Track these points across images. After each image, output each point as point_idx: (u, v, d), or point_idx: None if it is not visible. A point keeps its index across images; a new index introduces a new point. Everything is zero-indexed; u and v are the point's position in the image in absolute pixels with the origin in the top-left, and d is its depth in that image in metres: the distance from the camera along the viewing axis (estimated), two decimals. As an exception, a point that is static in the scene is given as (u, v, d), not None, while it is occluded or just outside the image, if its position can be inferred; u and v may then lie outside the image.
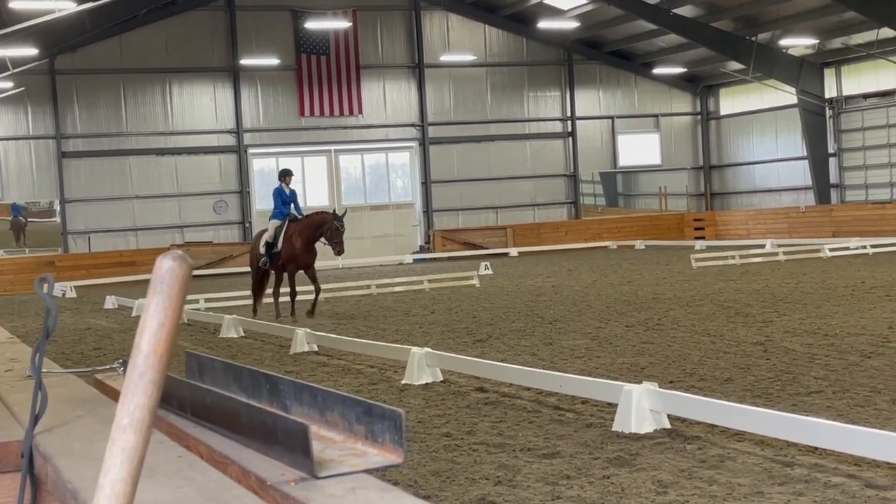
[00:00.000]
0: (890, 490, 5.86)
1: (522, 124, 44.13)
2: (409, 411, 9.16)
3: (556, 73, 44.69)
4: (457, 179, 42.84)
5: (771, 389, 9.10)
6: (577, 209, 44.73)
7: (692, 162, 46.73)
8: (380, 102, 41.93)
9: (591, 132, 45.06)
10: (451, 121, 42.94)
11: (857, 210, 37.69)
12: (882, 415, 7.77)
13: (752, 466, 6.57)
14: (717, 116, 46.59)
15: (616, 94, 45.56)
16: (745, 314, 15.08)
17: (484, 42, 43.41)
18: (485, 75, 43.53)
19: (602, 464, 6.88)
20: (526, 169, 43.93)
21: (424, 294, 22.79)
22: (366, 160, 42.48)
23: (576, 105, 44.62)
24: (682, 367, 10.65)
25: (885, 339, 11.64)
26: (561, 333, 14.21)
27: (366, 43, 41.34)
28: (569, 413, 8.66)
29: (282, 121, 40.47)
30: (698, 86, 46.41)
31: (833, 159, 41.01)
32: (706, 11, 38.63)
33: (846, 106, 40.60)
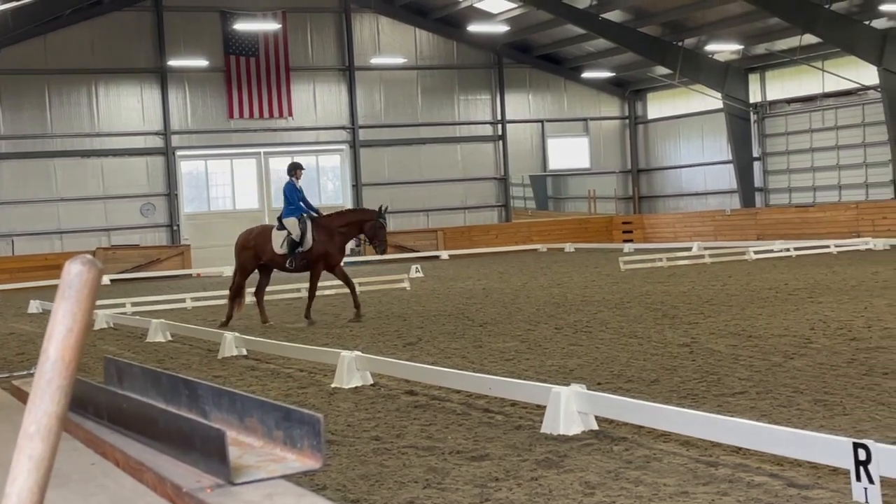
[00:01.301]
0: (811, 489, 5.96)
1: (453, 127, 44.23)
2: (338, 415, 9.12)
3: (486, 76, 44.87)
4: (387, 182, 42.78)
5: (697, 390, 9.21)
6: (507, 212, 44.93)
7: (620, 165, 47.19)
8: (310, 105, 41.75)
9: (521, 136, 45.31)
10: (382, 123, 42.91)
11: (780, 213, 38.34)
12: (804, 415, 7.89)
13: (678, 467, 6.64)
14: (645, 120, 47.11)
15: (546, 97, 45.86)
16: (671, 316, 15.25)
17: (414, 45, 43.43)
18: (415, 78, 43.55)
19: (530, 465, 6.91)
20: (457, 172, 44.03)
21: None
22: (296, 163, 42.19)
23: (506, 108, 44.82)
24: (610, 369, 10.73)
25: (807, 341, 11.84)
26: (491, 336, 14.25)
27: (295, 45, 41.12)
28: (498, 415, 8.68)
29: (210, 123, 40.11)
30: (626, 90, 46.89)
31: (757, 163, 41.69)
32: (634, 16, 39.05)
33: (770, 111, 41.29)
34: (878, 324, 12.93)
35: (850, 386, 8.91)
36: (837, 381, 9.16)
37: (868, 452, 5.34)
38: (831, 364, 10.11)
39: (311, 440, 1.63)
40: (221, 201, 41.05)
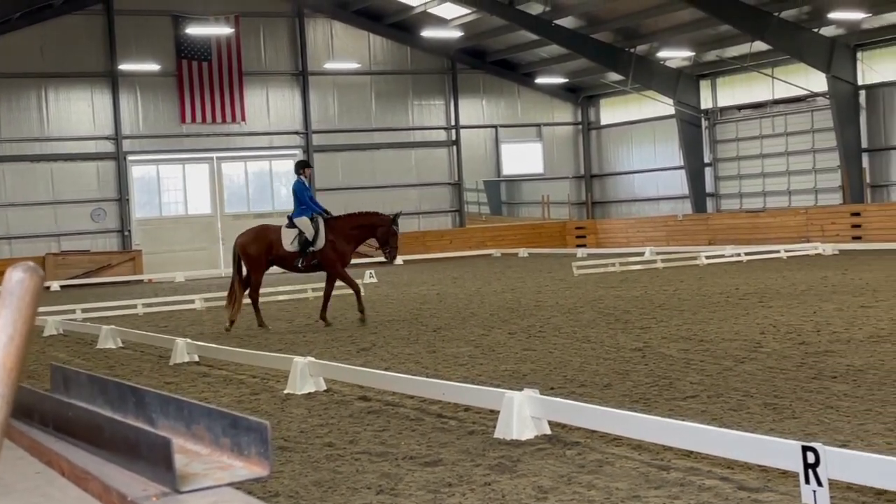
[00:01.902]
0: (761, 492, 6.01)
1: (407, 132, 44.24)
2: (291, 421, 9.08)
3: (440, 81, 44.93)
4: (341, 187, 42.67)
5: (649, 394, 9.26)
6: (461, 217, 45.00)
7: (574, 171, 47.43)
8: (263, 109, 41.58)
9: (475, 141, 45.41)
10: (336, 128, 42.83)
11: (731, 218, 38.70)
12: (754, 418, 7.97)
13: (630, 471, 6.67)
14: (598, 126, 47.38)
15: (499, 103, 46.00)
16: (624, 321, 15.34)
17: (368, 50, 43.39)
18: (369, 83, 43.51)
19: (483, 471, 6.92)
20: (411, 177, 44.04)
21: (308, 303, 22.65)
22: (249, 168, 42.07)
23: (460, 114, 44.92)
24: (563, 374, 10.77)
25: (757, 345, 11.96)
26: (445, 341, 14.25)
27: (248, 49, 40.94)
28: (451, 421, 8.68)
29: (162, 127, 39.82)
30: (579, 96, 47.15)
31: (709, 169, 42.08)
32: (587, 23, 39.28)
33: (721, 117, 41.70)
34: (826, 328, 13.08)
35: (799, 389, 9.01)
36: (787, 385, 9.26)
37: (817, 455, 5.40)
38: (781, 368, 10.21)
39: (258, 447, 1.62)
40: (173, 206, 40.75)
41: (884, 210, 33.72)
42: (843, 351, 11.07)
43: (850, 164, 35.83)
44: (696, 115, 41.67)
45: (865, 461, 5.44)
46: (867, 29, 34.91)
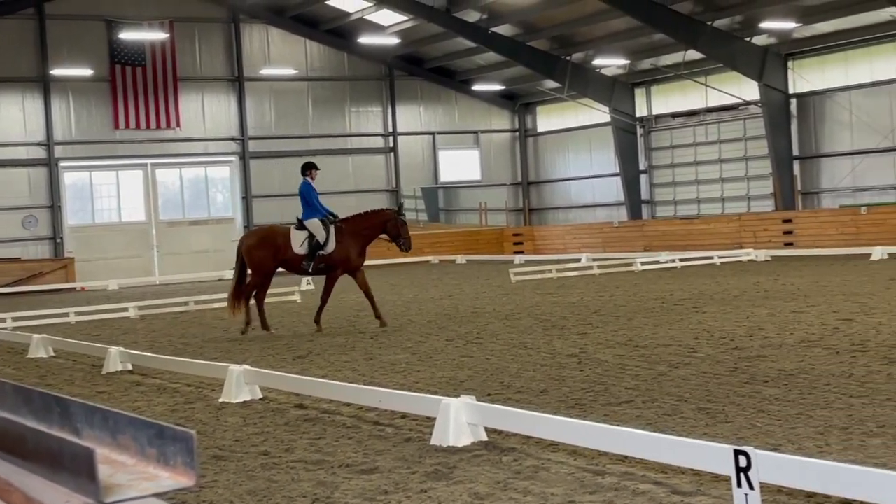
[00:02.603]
0: (694, 496, 6.07)
1: (344, 139, 44.16)
2: (226, 430, 9.00)
3: (377, 88, 44.90)
4: (278, 194, 42.43)
5: (584, 400, 9.31)
6: (398, 224, 44.85)
7: (511, 178, 47.64)
8: (198, 115, 41.24)
9: (413, 148, 45.44)
10: (273, 135, 42.62)
11: (666, 225, 39.10)
12: (688, 423, 8.04)
13: (565, 476, 6.70)
14: (535, 133, 47.65)
15: (437, 110, 46.08)
16: (561, 327, 15.42)
17: (305, 56, 43.24)
18: (306, 89, 43.37)
19: (420, 478, 6.90)
20: (348, 184, 43.92)
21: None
22: (184, 174, 41.70)
23: (397, 120, 44.93)
24: (499, 380, 10.79)
25: (691, 350, 12.08)
26: (382, 348, 14.22)
27: (183, 55, 40.60)
28: (388, 428, 8.66)
29: (95, 133, 39.32)
30: (516, 103, 47.39)
31: (644, 176, 42.50)
32: (523, 31, 39.50)
33: (656, 125, 42.15)
34: (759, 333, 13.25)
35: (732, 394, 9.11)
36: (720, 390, 9.36)
37: (748, 459, 5.46)
38: (714, 373, 10.32)
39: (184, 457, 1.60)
40: (107, 213, 40.25)
41: (814, 216, 34.29)
42: (774, 356, 11.22)
43: (782, 171, 36.39)
44: (631, 122, 42.08)
45: (796, 464, 5.52)
46: (798, 38, 35.51)
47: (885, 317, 14.13)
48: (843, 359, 10.72)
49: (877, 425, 7.54)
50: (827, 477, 5.32)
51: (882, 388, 8.97)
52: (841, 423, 7.70)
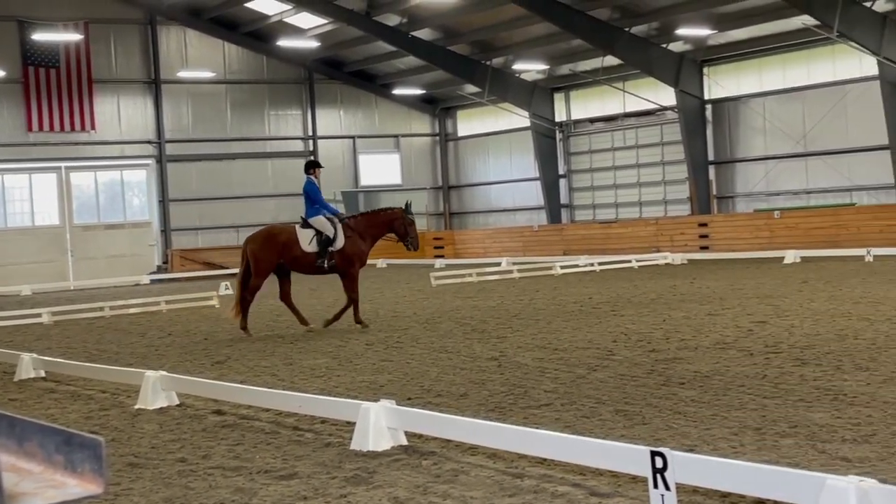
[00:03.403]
0: (611, 497, 6.13)
1: (263, 143, 43.84)
2: (142, 437, 8.86)
3: (297, 91, 44.66)
4: (196, 198, 42.03)
5: (504, 403, 9.35)
6: (318, 228, 44.66)
7: (431, 182, 47.70)
8: (114, 118, 40.63)
9: (333, 151, 45.25)
10: (190, 138, 42.14)
11: (585, 229, 39.46)
12: (606, 425, 8.11)
13: (485, 479, 6.71)
14: (455, 138, 47.77)
15: (357, 114, 45.98)
16: (481, 330, 15.46)
17: (223, 59, 42.84)
18: (224, 92, 42.96)
19: (339, 483, 6.87)
20: (268, 188, 43.62)
21: (161, 316, 22.19)
22: (99, 178, 41.02)
23: (317, 124, 44.73)
24: (420, 384, 10.79)
25: (609, 353, 12.20)
26: (301, 353, 14.13)
27: (98, 56, 39.96)
28: (308, 433, 8.61)
29: (7, 136, 38.49)
30: (437, 107, 47.47)
31: (563, 180, 42.85)
32: (443, 35, 39.58)
33: (575, 129, 42.53)
34: (675, 335, 13.43)
35: (649, 396, 9.22)
36: (637, 392, 9.46)
37: (665, 460, 5.52)
38: (632, 375, 10.43)
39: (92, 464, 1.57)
40: (19, 217, 39.42)
41: (729, 220, 34.87)
42: (690, 358, 11.37)
43: (698, 175, 36.96)
44: (550, 127, 42.40)
45: (711, 465, 5.60)
46: (713, 45, 36.10)
47: (798, 319, 14.41)
48: (756, 360, 10.90)
49: (789, 425, 7.68)
50: (741, 477, 5.41)
51: (794, 389, 9.14)
52: (755, 423, 7.83)
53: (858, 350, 11.20)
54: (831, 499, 4.78)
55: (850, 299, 16.77)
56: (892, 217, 30.01)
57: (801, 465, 6.49)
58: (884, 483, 4.88)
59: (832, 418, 7.83)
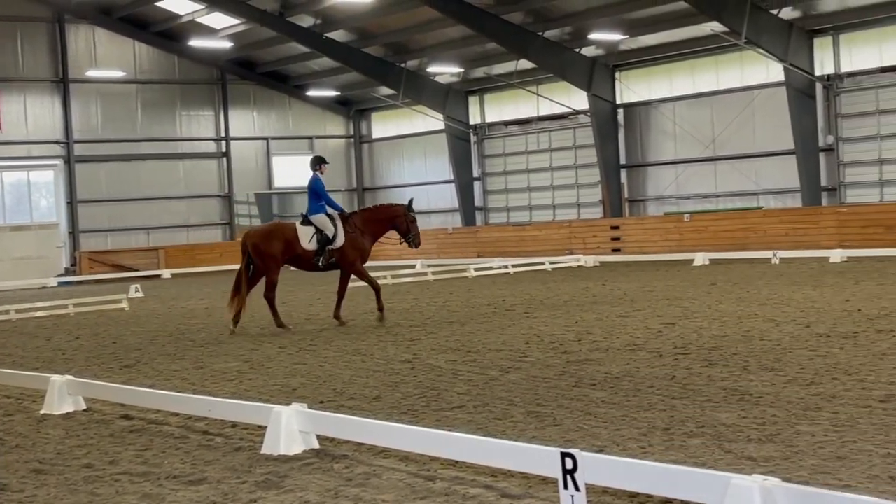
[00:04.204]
0: (522, 499, 6.16)
1: (175, 143, 43.28)
2: (47, 443, 8.68)
3: (209, 92, 44.18)
4: (105, 199, 41.35)
5: (417, 406, 9.34)
6: (231, 230, 44.31)
7: (346, 184, 47.52)
8: (20, 118, 39.78)
9: (246, 153, 44.87)
10: (100, 138, 41.45)
11: (499, 232, 39.64)
12: (518, 426, 8.15)
13: (397, 482, 6.70)
14: (370, 140, 47.68)
15: (271, 115, 45.64)
16: (394, 333, 15.44)
17: (134, 58, 42.20)
18: (135, 92, 42.33)
19: (250, 487, 6.80)
20: (179, 189, 43.08)
21: (69, 319, 21.75)
22: (5, 178, 40.12)
23: (230, 125, 44.29)
24: (332, 387, 10.73)
25: (522, 354, 12.26)
26: (213, 356, 13.96)
27: (4, 55, 39.12)
28: (218, 437, 8.50)
29: None
30: (351, 109, 47.32)
31: (478, 183, 43.01)
32: (357, 37, 39.46)
33: (489, 132, 42.71)
34: (587, 337, 13.55)
35: (560, 397, 9.29)
36: (549, 393, 9.52)
37: (574, 461, 5.56)
38: (544, 377, 10.50)
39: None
40: (-79, 218, 38.38)
41: (640, 223, 35.33)
42: (602, 359, 11.49)
43: (610, 179, 37.38)
44: (465, 130, 42.52)
45: (619, 465, 5.65)
46: (625, 50, 36.54)
47: (706, 321, 14.64)
48: (665, 362, 11.05)
49: (696, 426, 7.79)
50: (648, 477, 5.47)
51: (702, 389, 9.28)
52: (663, 424, 7.93)
53: (764, 351, 11.42)
54: (736, 498, 4.86)
55: (757, 301, 17.09)
56: (797, 220, 30.69)
57: (708, 464, 6.59)
58: (787, 482, 4.97)
59: (738, 418, 7.97)
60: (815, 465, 6.47)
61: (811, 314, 14.76)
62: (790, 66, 31.29)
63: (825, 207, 31.48)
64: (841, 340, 11.91)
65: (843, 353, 10.93)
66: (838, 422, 7.67)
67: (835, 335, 12.38)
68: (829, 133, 32.22)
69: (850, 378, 9.44)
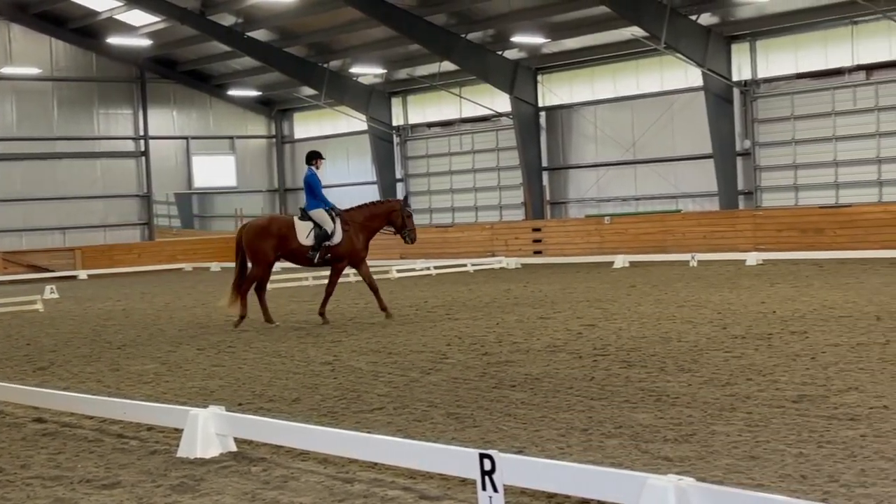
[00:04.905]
0: (441, 500, 6.15)
1: (92, 142, 42.62)
2: (-44, 448, 8.46)
3: (128, 90, 43.57)
4: (20, 199, 40.56)
5: (336, 408, 9.29)
6: (150, 231, 43.74)
7: (268, 184, 47.20)
8: (-69, 115, 38.87)
9: (166, 152, 44.33)
10: (14, 136, 40.65)
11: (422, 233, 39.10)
12: (437, 428, 8.15)
13: (315, 485, 6.65)
14: (292, 140, 47.40)
15: (191, 114, 45.15)
16: (315, 334, 15.35)
17: (50, 55, 41.46)
18: (51, 90, 41.59)
19: (165, 491, 6.70)
20: (97, 188, 42.42)
21: (-19, 320, 21.26)
22: (-85, 176, 39.14)
23: (149, 124, 43.71)
24: (251, 389, 10.63)
25: (443, 356, 12.27)
26: (129, 358, 13.75)
27: (-85, 49, 38.18)
28: (133, 441, 8.37)
29: None
30: (273, 109, 47.01)
31: (401, 185, 42.98)
32: (280, 36, 39.21)
33: (412, 134, 42.72)
34: (508, 338, 13.60)
35: (480, 399, 9.30)
36: (469, 395, 9.54)
37: (493, 462, 5.57)
38: (464, 378, 10.52)
39: None
40: None
41: (561, 226, 35.60)
42: (522, 360, 11.53)
43: (532, 181, 37.62)
44: (388, 131, 42.48)
45: (537, 466, 5.67)
46: (547, 53, 36.81)
47: (625, 322, 14.79)
48: (585, 363, 11.14)
49: (614, 426, 7.86)
50: (565, 478, 5.50)
51: (620, 390, 9.37)
52: (582, 424, 7.98)
53: (681, 352, 11.56)
54: (651, 497, 4.91)
55: (675, 303, 17.31)
56: (714, 224, 31.16)
57: (625, 465, 6.65)
58: (701, 482, 5.03)
59: (655, 419, 8.06)
60: (730, 465, 6.57)
61: (727, 316, 14.98)
62: (708, 71, 31.78)
63: (742, 211, 32.02)
64: (756, 342, 12.10)
65: (758, 355, 11.11)
66: (752, 422, 7.79)
67: (750, 336, 12.58)
68: (746, 138, 32.80)
69: (764, 379, 9.60)
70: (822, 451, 6.79)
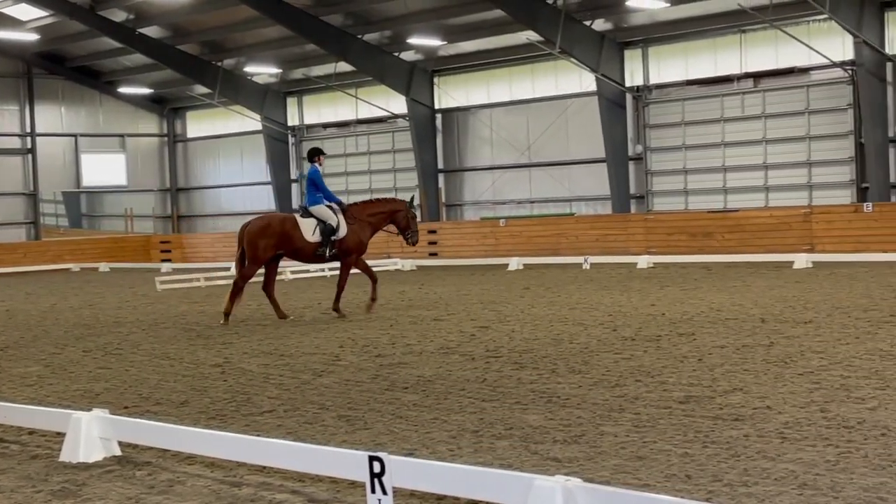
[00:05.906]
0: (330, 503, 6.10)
1: (-24, 139, 41.44)
2: None
3: (14, 86, 42.47)
4: None
5: (226, 411, 9.15)
6: (36, 230, 42.68)
7: (159, 184, 46.46)
8: None
9: (53, 150, 43.33)
10: None
11: (317, 234, 39.32)
12: (328, 430, 8.08)
13: (201, 489, 6.54)
14: (185, 139, 46.73)
15: (80, 111, 44.21)
16: (206, 336, 15.13)
17: (-68, 48, 40.19)
18: (-67, 84, 40.33)
19: (45, 497, 6.52)
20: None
21: None
22: None
23: (36, 121, 42.65)
24: (138, 392, 10.42)
25: (335, 358, 12.19)
26: (12, 361, 13.36)
27: None
28: (13, 445, 8.13)
29: None
30: (165, 107, 46.29)
31: (295, 185, 42.71)
32: (172, 33, 38.62)
33: (307, 134, 42.46)
34: (401, 340, 13.57)
35: (372, 401, 9.26)
36: (361, 397, 9.48)
37: (382, 465, 5.54)
38: (357, 380, 10.46)
39: None
40: None
41: (457, 228, 35.71)
42: (415, 362, 11.52)
43: (428, 183, 37.69)
44: (282, 131, 42.15)
45: (426, 468, 5.65)
46: (443, 56, 36.92)
47: (518, 324, 14.88)
48: (477, 364, 11.16)
49: (505, 427, 7.89)
50: (454, 479, 5.49)
51: (512, 391, 9.41)
52: (473, 426, 7.99)
53: (573, 354, 11.67)
54: (538, 498, 4.93)
55: (568, 305, 17.48)
56: (607, 227, 31.59)
57: (514, 466, 6.67)
58: (589, 482, 5.07)
59: (545, 420, 8.11)
60: (617, 465, 6.63)
61: (618, 318, 15.18)
62: (602, 76, 32.23)
63: (633, 215, 32.53)
64: (645, 343, 12.28)
65: (647, 356, 11.27)
66: (640, 422, 7.89)
67: (640, 338, 12.76)
68: (638, 142, 33.34)
69: (652, 380, 9.74)
70: (706, 451, 6.90)
